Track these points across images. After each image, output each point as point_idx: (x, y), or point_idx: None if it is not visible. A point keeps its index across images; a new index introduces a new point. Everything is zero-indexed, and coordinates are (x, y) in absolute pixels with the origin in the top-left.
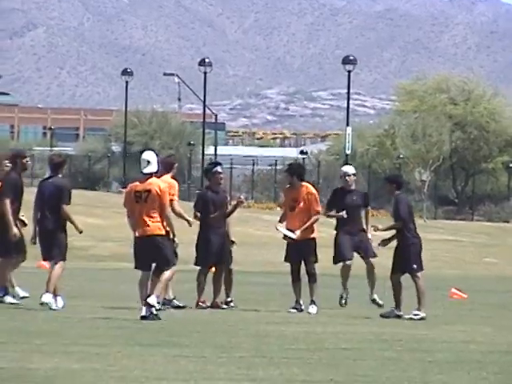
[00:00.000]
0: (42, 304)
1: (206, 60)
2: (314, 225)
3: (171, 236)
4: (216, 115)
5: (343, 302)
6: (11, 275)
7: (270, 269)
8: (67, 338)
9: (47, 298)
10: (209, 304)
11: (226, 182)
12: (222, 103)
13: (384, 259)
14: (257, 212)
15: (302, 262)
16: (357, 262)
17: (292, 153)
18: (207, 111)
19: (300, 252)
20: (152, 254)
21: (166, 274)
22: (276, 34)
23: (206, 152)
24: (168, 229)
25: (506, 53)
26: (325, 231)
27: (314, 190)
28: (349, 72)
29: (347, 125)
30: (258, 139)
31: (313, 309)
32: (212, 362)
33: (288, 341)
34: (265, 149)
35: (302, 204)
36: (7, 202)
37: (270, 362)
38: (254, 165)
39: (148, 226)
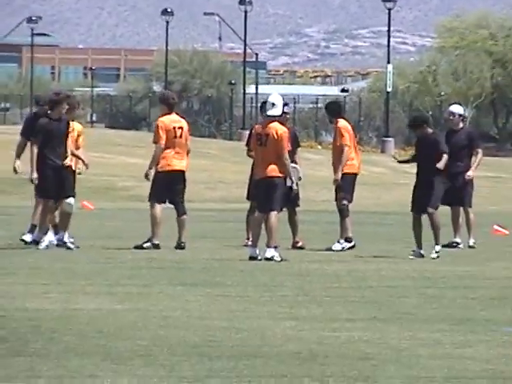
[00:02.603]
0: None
1: None
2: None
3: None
4: (257, 54)
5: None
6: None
7: (313, 207)
8: (110, 279)
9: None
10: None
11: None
12: (262, 42)
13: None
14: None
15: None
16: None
17: (333, 91)
18: (248, 50)
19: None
20: (265, 195)
21: (273, 217)
22: None
23: (247, 91)
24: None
25: None
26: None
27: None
28: (389, 10)
29: (388, 62)
30: (298, 77)
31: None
32: (254, 301)
33: (330, 279)
34: (306, 87)
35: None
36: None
37: (313, 301)
38: (295, 103)
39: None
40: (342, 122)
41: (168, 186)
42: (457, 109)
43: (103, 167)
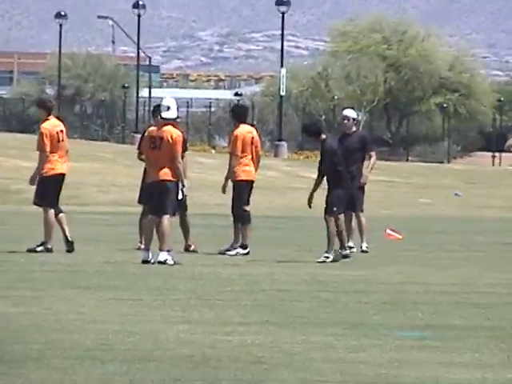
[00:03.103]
0: None
1: (140, 2)
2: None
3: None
4: (150, 58)
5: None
6: None
7: (206, 211)
8: (2, 282)
9: None
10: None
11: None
12: (155, 45)
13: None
14: (191, 155)
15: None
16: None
17: (226, 95)
18: (141, 54)
19: None
20: (158, 199)
21: (165, 221)
22: None
23: (140, 94)
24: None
25: None
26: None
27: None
28: (283, 13)
29: (281, 66)
30: (192, 81)
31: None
32: (147, 305)
33: (223, 283)
34: (199, 91)
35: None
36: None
37: (206, 304)
38: (188, 107)
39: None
40: (238, 129)
41: (54, 189)
42: (350, 113)
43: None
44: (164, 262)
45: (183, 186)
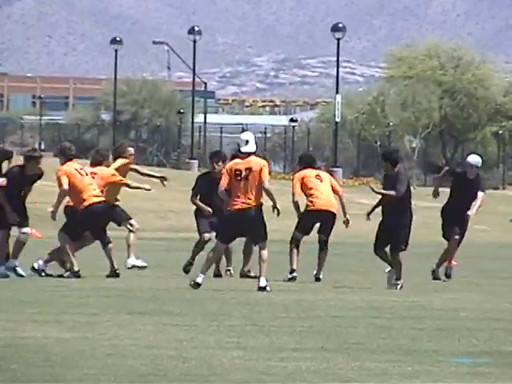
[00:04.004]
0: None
1: (196, 28)
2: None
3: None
4: (205, 83)
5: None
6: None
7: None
8: (58, 307)
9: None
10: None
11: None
12: (211, 71)
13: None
14: None
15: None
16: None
17: (282, 120)
18: (197, 79)
19: None
20: (245, 227)
21: (264, 251)
22: (265, 1)
23: (195, 120)
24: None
25: (494, 20)
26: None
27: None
28: (338, 40)
29: (337, 92)
30: (247, 107)
31: None
32: (202, 331)
33: (278, 309)
34: (254, 116)
35: None
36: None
37: (261, 331)
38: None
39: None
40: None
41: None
42: (475, 160)
43: (51, 195)
44: (264, 288)
45: (276, 207)
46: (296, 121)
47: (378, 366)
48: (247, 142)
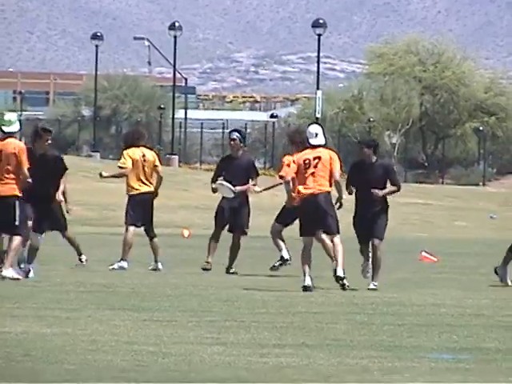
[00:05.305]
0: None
1: (176, 24)
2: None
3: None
4: (186, 79)
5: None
6: None
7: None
8: (38, 302)
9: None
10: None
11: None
12: (192, 67)
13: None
14: None
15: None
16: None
17: (262, 116)
18: (177, 75)
19: None
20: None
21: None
22: None
23: (176, 116)
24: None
25: (475, 17)
26: None
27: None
28: (319, 35)
29: (317, 88)
30: (228, 103)
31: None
32: (182, 326)
33: (259, 305)
34: (235, 112)
35: None
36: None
37: (241, 326)
38: (223, 128)
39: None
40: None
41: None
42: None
43: None
44: (342, 279)
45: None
46: (276, 117)
47: (359, 362)
48: (316, 134)
